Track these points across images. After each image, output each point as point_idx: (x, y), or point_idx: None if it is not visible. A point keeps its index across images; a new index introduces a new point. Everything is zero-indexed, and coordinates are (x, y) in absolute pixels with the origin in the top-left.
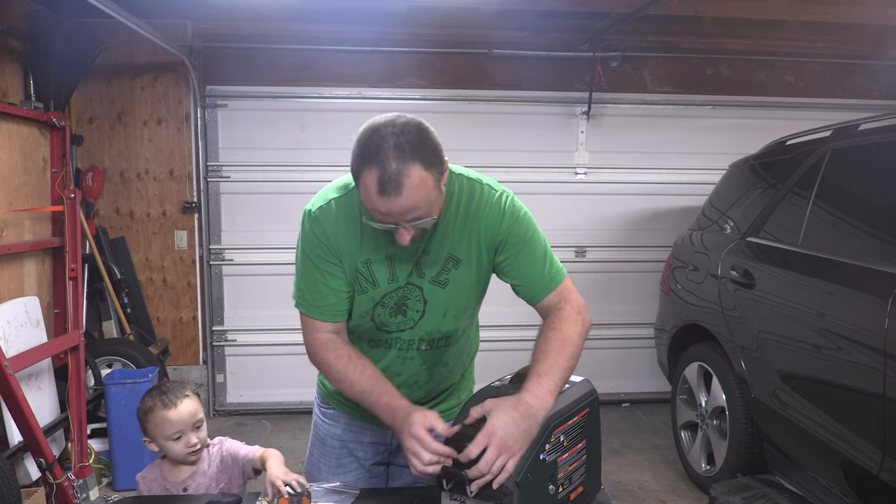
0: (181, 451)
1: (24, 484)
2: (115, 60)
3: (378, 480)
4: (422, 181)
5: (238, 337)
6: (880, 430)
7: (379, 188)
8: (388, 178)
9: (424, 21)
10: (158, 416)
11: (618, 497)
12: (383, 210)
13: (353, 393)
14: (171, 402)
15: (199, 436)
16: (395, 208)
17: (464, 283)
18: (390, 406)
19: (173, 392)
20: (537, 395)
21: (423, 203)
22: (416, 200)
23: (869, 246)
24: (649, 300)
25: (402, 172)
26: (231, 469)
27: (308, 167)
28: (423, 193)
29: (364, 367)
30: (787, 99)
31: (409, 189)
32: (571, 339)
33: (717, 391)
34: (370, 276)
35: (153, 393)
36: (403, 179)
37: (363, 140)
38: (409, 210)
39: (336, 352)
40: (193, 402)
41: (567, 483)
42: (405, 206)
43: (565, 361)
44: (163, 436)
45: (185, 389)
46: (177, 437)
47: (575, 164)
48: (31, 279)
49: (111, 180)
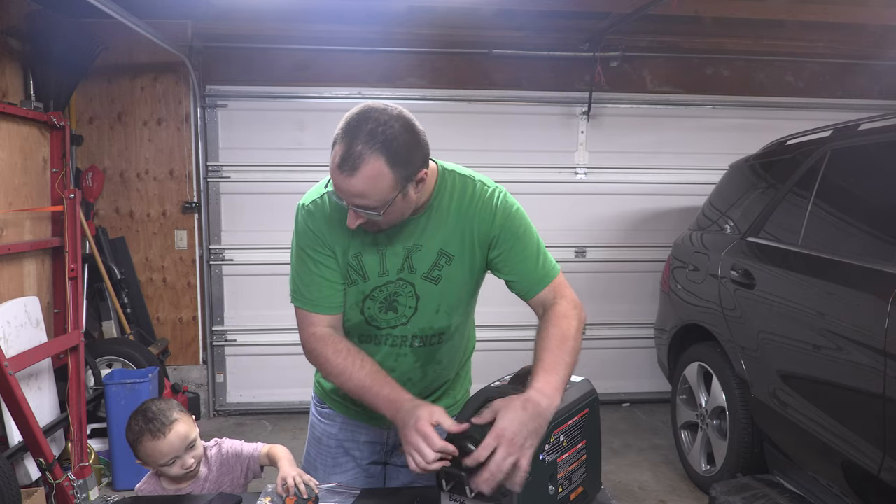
0: (178, 472)
1: (24, 484)
2: (115, 60)
3: (375, 480)
4: (378, 175)
5: (238, 337)
6: (880, 430)
7: (339, 162)
8: (348, 156)
9: (424, 21)
10: (148, 446)
11: (618, 497)
12: (336, 183)
13: (352, 387)
14: (158, 432)
15: (195, 455)
16: (345, 187)
17: (456, 279)
18: (393, 399)
19: (159, 419)
20: (546, 393)
21: (372, 194)
22: (365, 188)
23: (869, 246)
24: (649, 300)
25: (362, 158)
26: (234, 469)
27: (308, 167)
28: (376, 186)
29: (363, 362)
30: (787, 99)
31: (363, 175)
32: (570, 334)
33: (717, 391)
34: (360, 269)
35: (139, 419)
36: (360, 164)
37: (351, 116)
38: (357, 195)
39: (335, 346)
40: (183, 425)
41: (567, 483)
42: (354, 188)
43: (568, 357)
44: (156, 463)
45: (173, 412)
46: (171, 463)
47: (575, 164)
48: (31, 279)
49: (111, 180)
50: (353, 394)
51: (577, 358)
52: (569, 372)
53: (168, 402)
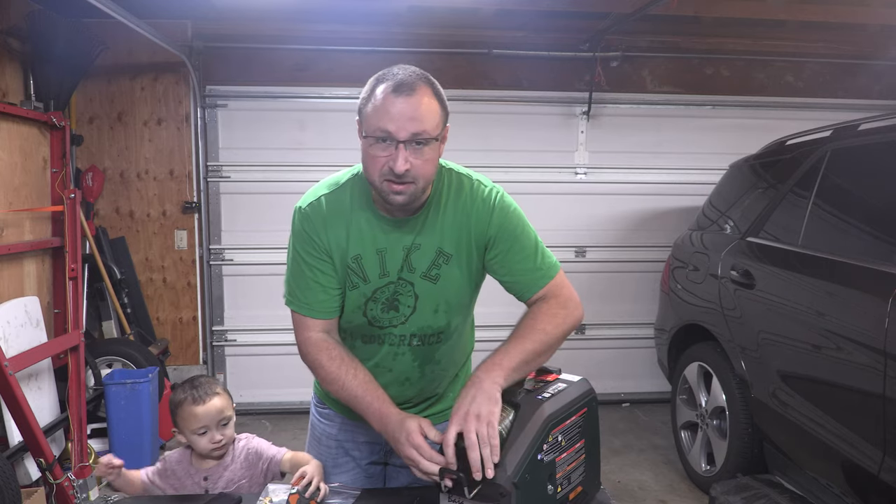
0: (205, 446)
1: (24, 484)
2: (115, 60)
3: (375, 480)
4: (430, 103)
5: (238, 337)
6: (880, 430)
7: (393, 88)
8: (402, 82)
9: (424, 21)
10: (186, 410)
11: (618, 497)
12: (392, 111)
13: (344, 396)
14: (199, 398)
15: (225, 433)
16: (405, 110)
17: (454, 278)
18: (381, 413)
19: (204, 388)
20: (488, 370)
21: (428, 119)
22: (424, 110)
23: (869, 246)
24: (649, 300)
25: (416, 83)
26: (254, 467)
27: (308, 167)
28: (430, 111)
29: (356, 371)
30: (787, 99)
31: (420, 96)
32: (543, 327)
33: (717, 391)
34: (361, 272)
35: (185, 386)
36: (417, 87)
37: (379, 73)
38: (415, 118)
39: (329, 353)
40: (222, 400)
41: (566, 483)
42: (413, 109)
43: (530, 345)
44: (189, 429)
45: (217, 386)
46: (202, 433)
47: (575, 164)
48: (31, 279)
49: (111, 180)
50: (345, 402)
51: (544, 347)
52: (527, 357)
53: (215, 379)
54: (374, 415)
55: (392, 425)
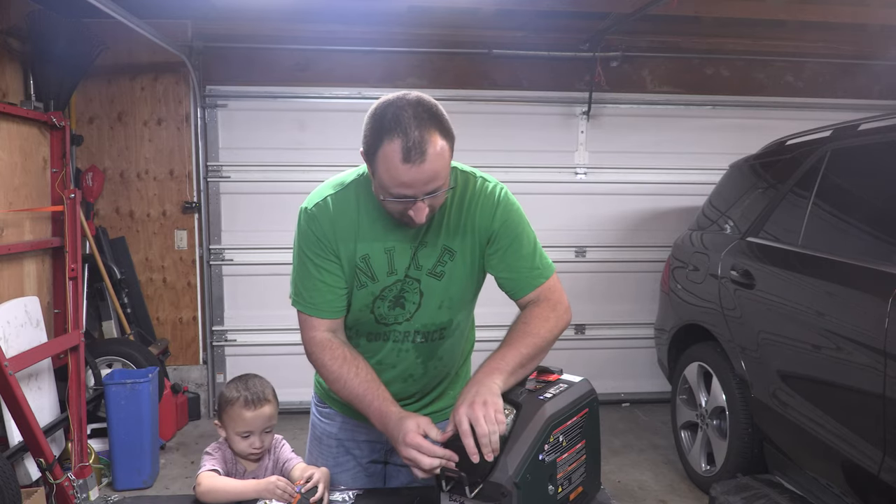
0: (245, 448)
1: (24, 484)
2: (115, 60)
3: (375, 479)
4: (442, 150)
5: (238, 337)
6: (880, 430)
7: (403, 155)
8: (412, 144)
9: (424, 21)
10: (237, 411)
11: (618, 497)
12: (406, 179)
13: (346, 395)
14: (251, 403)
15: (265, 440)
16: (419, 176)
17: (459, 274)
18: (382, 412)
19: (257, 393)
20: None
21: (442, 172)
22: (437, 168)
23: (869, 246)
24: (649, 300)
25: (424, 140)
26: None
27: (308, 167)
28: (443, 162)
29: (358, 370)
30: (787, 99)
31: (432, 156)
32: (536, 332)
33: (717, 391)
34: (369, 271)
35: (239, 386)
36: (427, 147)
37: (379, 114)
38: (431, 179)
39: (332, 352)
40: (271, 408)
41: (566, 483)
42: (428, 173)
43: (524, 349)
44: (234, 430)
45: (269, 392)
46: (245, 436)
47: (575, 164)
48: (31, 279)
49: (111, 180)
50: (347, 401)
51: (538, 350)
52: (523, 360)
53: (267, 383)
54: (375, 413)
55: (392, 424)
